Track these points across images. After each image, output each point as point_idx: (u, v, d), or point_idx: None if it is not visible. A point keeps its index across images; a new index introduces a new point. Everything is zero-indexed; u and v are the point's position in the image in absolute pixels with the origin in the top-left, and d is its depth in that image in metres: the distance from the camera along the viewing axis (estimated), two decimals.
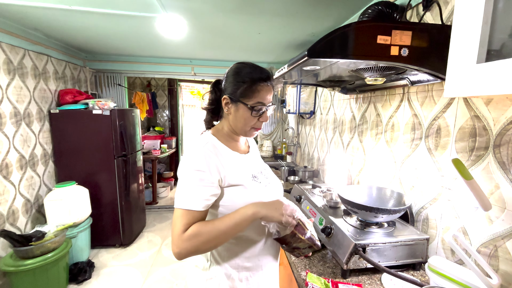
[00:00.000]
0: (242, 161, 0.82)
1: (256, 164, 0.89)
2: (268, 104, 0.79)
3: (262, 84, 0.76)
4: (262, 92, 0.76)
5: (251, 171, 0.83)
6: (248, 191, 0.77)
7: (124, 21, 1.82)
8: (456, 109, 0.90)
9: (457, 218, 0.90)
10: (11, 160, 1.93)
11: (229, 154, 0.80)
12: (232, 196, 0.75)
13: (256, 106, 0.76)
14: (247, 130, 0.81)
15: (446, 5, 0.94)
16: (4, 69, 1.86)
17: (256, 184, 0.81)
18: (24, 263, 1.69)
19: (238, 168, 0.79)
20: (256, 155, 0.94)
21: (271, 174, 0.93)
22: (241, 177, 0.78)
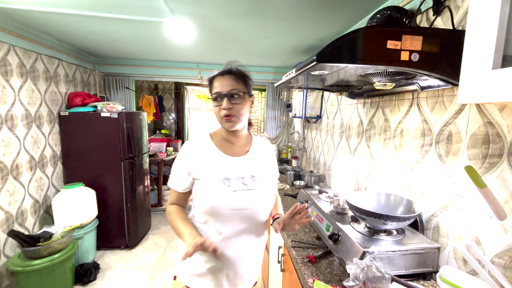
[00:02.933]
0: (222, 162, 0.87)
1: (243, 168, 0.89)
2: (226, 92, 0.83)
3: (217, 77, 0.86)
4: (217, 84, 0.85)
5: (227, 173, 0.86)
6: (206, 189, 0.84)
7: (134, 26, 1.85)
8: (468, 115, 0.89)
9: (469, 227, 0.88)
10: (22, 161, 1.97)
11: (211, 153, 0.88)
12: (195, 189, 0.87)
13: (213, 96, 0.85)
14: (219, 121, 0.86)
15: (457, 9, 0.93)
16: (17, 72, 1.91)
17: (220, 185, 0.84)
18: (31, 263, 1.71)
19: (211, 167, 0.86)
20: (253, 160, 0.92)
21: (261, 183, 0.89)
22: (208, 175, 0.85)
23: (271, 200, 0.93)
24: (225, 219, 0.85)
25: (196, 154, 0.88)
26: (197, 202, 0.86)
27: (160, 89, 4.63)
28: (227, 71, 0.87)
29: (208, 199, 0.84)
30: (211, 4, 1.46)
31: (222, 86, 0.84)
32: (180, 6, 1.49)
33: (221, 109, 0.83)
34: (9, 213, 1.86)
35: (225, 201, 0.83)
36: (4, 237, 1.82)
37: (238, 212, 0.85)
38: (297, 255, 1.07)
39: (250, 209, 0.86)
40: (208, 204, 0.84)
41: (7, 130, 1.83)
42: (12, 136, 1.88)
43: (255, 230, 0.90)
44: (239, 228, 0.86)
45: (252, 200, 0.86)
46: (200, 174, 0.86)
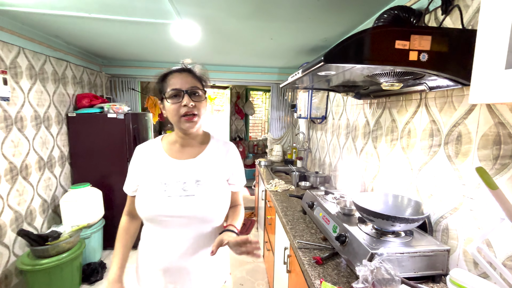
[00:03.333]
0: (163, 166, 0.83)
1: (186, 173, 0.82)
2: (187, 88, 0.79)
3: (172, 74, 0.81)
4: (173, 80, 0.80)
5: (166, 178, 0.81)
6: (143, 194, 0.81)
7: (140, 28, 1.87)
8: (479, 115, 0.87)
9: (480, 229, 0.86)
10: (31, 162, 2.00)
11: (156, 156, 0.85)
12: (137, 194, 0.85)
13: (170, 92, 0.79)
14: (177, 121, 0.80)
15: (466, 9, 0.92)
16: (26, 74, 1.95)
17: (156, 190, 0.79)
18: (40, 262, 1.74)
19: (151, 171, 0.83)
20: (203, 164, 0.85)
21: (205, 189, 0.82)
22: (147, 180, 0.82)
23: (218, 208, 0.84)
24: (162, 227, 0.80)
25: (142, 157, 0.86)
26: (136, 207, 0.82)
27: None
28: (186, 69, 0.84)
29: (143, 204, 0.80)
30: (217, 5, 1.47)
31: (181, 83, 0.79)
32: (186, 8, 1.50)
33: (182, 107, 0.78)
34: (19, 212, 1.90)
35: (159, 208, 0.78)
36: (14, 236, 1.85)
37: (175, 220, 0.79)
38: (304, 257, 1.06)
39: (188, 217, 0.79)
40: (142, 210, 0.80)
41: (17, 131, 1.87)
42: (22, 137, 1.91)
43: (200, 240, 0.82)
44: (179, 237, 0.80)
45: (190, 207, 0.79)
46: (141, 178, 0.84)
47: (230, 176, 0.91)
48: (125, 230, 0.93)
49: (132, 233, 0.94)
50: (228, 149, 0.92)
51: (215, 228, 0.87)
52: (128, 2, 1.45)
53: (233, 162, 0.92)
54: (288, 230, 1.31)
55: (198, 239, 0.83)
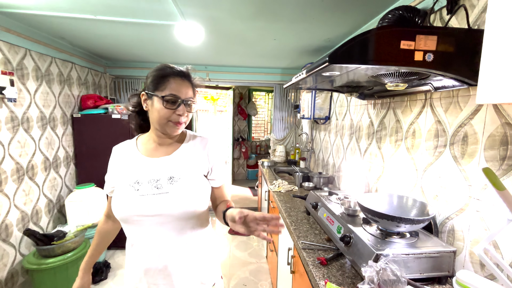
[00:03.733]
0: (136, 164, 0.81)
1: (159, 170, 0.80)
2: (185, 98, 0.78)
3: (174, 77, 0.78)
4: (174, 85, 0.77)
5: (138, 176, 0.79)
6: (116, 195, 0.80)
7: (144, 29, 1.89)
8: (485, 115, 0.87)
9: (487, 230, 0.85)
10: (37, 162, 2.02)
11: (129, 155, 0.84)
12: (113, 194, 0.83)
13: (167, 97, 0.75)
14: (164, 124, 0.78)
15: (472, 8, 0.91)
16: (32, 75, 1.97)
17: (128, 190, 0.78)
18: (45, 261, 1.75)
19: (124, 171, 0.82)
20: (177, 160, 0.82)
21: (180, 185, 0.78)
22: (120, 180, 0.81)
23: (195, 204, 0.79)
24: (137, 227, 0.78)
25: (117, 157, 0.86)
26: (112, 209, 0.80)
27: None
28: (187, 76, 0.81)
29: (116, 205, 0.78)
30: (221, 6, 1.48)
31: (180, 91, 0.77)
32: (190, 9, 1.51)
33: (175, 114, 0.77)
34: (25, 212, 1.92)
35: (132, 207, 0.76)
36: (20, 235, 1.87)
37: (149, 219, 0.76)
38: (308, 257, 1.06)
39: (162, 215, 0.76)
40: (116, 211, 0.78)
41: (24, 132, 1.89)
42: (28, 137, 1.94)
43: (178, 239, 0.79)
44: (156, 237, 0.77)
45: (164, 205, 0.76)
46: (115, 179, 0.83)
47: (209, 171, 0.87)
48: (98, 231, 0.96)
49: (105, 234, 0.95)
50: (206, 144, 0.88)
51: (196, 226, 0.83)
52: (133, 4, 1.46)
53: (210, 157, 0.87)
54: (292, 231, 1.31)
55: (177, 238, 0.79)
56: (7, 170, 1.75)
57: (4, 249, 1.75)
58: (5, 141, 1.74)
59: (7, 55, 1.75)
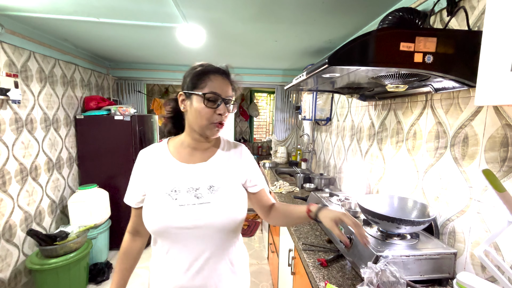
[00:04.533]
0: (172, 171, 0.75)
1: (198, 178, 0.75)
2: (225, 97, 0.73)
3: (215, 74, 0.74)
4: (215, 82, 0.72)
5: (176, 184, 0.73)
6: (150, 204, 0.72)
7: (147, 31, 1.90)
8: (485, 117, 0.87)
9: (487, 232, 0.85)
10: (40, 163, 2.04)
11: (163, 161, 0.76)
12: (143, 204, 0.76)
13: (208, 94, 0.71)
14: (205, 125, 0.72)
15: (472, 10, 0.92)
16: (36, 77, 2.00)
17: (165, 199, 0.71)
18: (48, 261, 1.77)
19: (159, 177, 0.74)
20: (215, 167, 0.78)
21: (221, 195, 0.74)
22: (154, 188, 0.73)
23: (237, 215, 0.75)
24: (173, 241, 0.71)
25: (147, 163, 0.77)
26: (144, 220, 0.74)
27: (170, 93, 4.71)
28: (227, 73, 0.78)
29: (151, 216, 0.71)
30: (223, 9, 1.49)
31: (222, 89, 0.73)
32: (192, 11, 1.53)
33: (217, 114, 0.72)
34: (28, 212, 1.94)
35: (170, 218, 0.69)
36: (23, 236, 1.89)
37: (188, 232, 0.70)
38: (308, 259, 1.06)
39: (203, 227, 0.70)
40: (151, 223, 0.71)
41: (27, 133, 1.91)
42: (32, 138, 1.96)
43: (218, 254, 0.74)
44: (194, 252, 0.71)
45: (206, 216, 0.70)
46: (147, 186, 0.75)
47: (247, 179, 0.83)
48: (125, 252, 0.84)
49: (134, 255, 0.86)
50: (241, 151, 0.85)
51: (233, 239, 0.79)
52: (136, 6, 1.48)
53: (248, 164, 0.84)
54: (293, 232, 1.31)
55: (216, 253, 0.74)
56: (11, 171, 1.77)
57: (7, 249, 1.77)
58: (9, 142, 1.76)
59: (11, 57, 1.77)
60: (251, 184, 0.84)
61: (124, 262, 0.84)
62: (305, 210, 0.80)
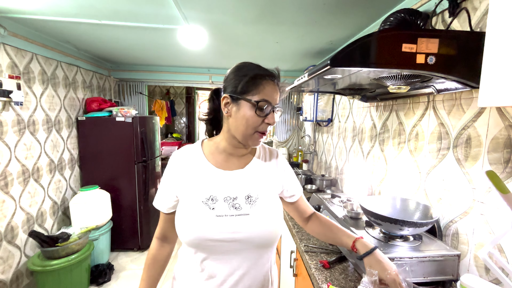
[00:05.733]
0: (208, 177, 0.70)
1: (235, 186, 0.70)
2: (275, 105, 0.68)
3: (268, 80, 0.67)
4: (268, 89, 0.66)
5: (213, 192, 0.68)
6: (185, 212, 0.68)
7: (148, 33, 1.91)
8: (488, 118, 0.86)
9: (491, 233, 0.85)
10: (42, 164, 2.05)
11: (198, 165, 0.71)
12: (176, 211, 0.72)
13: (261, 102, 0.65)
14: (249, 134, 0.67)
15: (474, 11, 0.91)
16: (39, 79, 2.01)
17: (201, 208, 0.66)
18: (50, 263, 1.77)
19: (194, 183, 0.69)
20: (252, 175, 0.73)
21: (260, 206, 0.69)
22: (189, 194, 0.69)
23: (276, 228, 0.70)
24: (209, 252, 0.67)
25: (181, 166, 0.72)
26: (177, 229, 0.70)
27: (171, 94, 4.73)
28: (278, 78, 0.71)
29: (186, 226, 0.66)
30: (224, 10, 1.49)
31: (273, 96, 0.67)
32: (193, 13, 1.53)
33: (265, 123, 0.67)
34: (30, 214, 1.94)
35: (206, 230, 0.65)
36: (25, 237, 1.89)
37: (224, 245, 0.66)
38: (310, 260, 1.06)
39: (241, 241, 0.66)
40: (185, 233, 0.66)
41: (29, 135, 1.92)
42: (34, 140, 1.96)
43: (252, 270, 0.69)
44: (230, 266, 0.67)
45: (245, 229, 0.66)
46: (182, 192, 0.70)
47: (284, 189, 0.79)
48: (153, 259, 0.79)
49: (162, 262, 0.81)
50: (277, 158, 0.80)
51: (270, 255, 0.74)
52: (137, 8, 1.49)
53: (284, 172, 0.79)
54: (295, 234, 1.31)
55: (251, 269, 0.69)
56: (13, 172, 1.78)
57: (9, 251, 1.77)
58: (11, 143, 1.77)
59: (14, 59, 1.78)
60: (288, 194, 0.80)
61: (152, 269, 0.79)
62: (350, 243, 0.73)
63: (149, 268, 0.79)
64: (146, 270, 0.79)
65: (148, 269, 0.79)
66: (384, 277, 0.63)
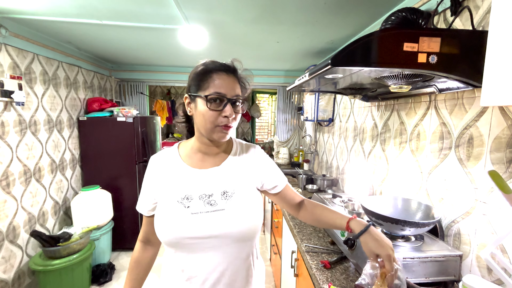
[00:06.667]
0: (183, 177, 0.71)
1: (210, 184, 0.70)
2: (232, 97, 0.66)
3: (218, 73, 0.67)
4: (219, 81, 0.66)
5: (188, 191, 0.69)
6: (161, 212, 0.68)
7: (149, 33, 1.91)
8: (491, 117, 0.86)
9: (494, 234, 0.84)
10: (43, 164, 2.05)
11: (173, 167, 0.72)
12: (155, 213, 0.72)
13: (211, 95, 0.65)
14: (211, 129, 0.67)
15: (477, 9, 0.91)
16: (40, 79, 2.01)
17: (176, 207, 0.67)
18: (51, 262, 1.77)
19: (169, 184, 0.70)
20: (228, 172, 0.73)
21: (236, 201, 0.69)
22: (165, 195, 0.69)
23: (254, 222, 0.70)
24: (189, 251, 0.67)
25: (158, 169, 0.73)
26: (155, 230, 0.70)
27: (172, 94, 4.73)
28: (233, 70, 0.70)
29: (162, 226, 0.67)
30: (225, 10, 1.49)
31: (227, 88, 0.66)
32: (194, 13, 1.53)
33: (222, 116, 0.66)
34: (32, 214, 1.95)
35: (183, 228, 0.65)
36: (27, 237, 1.90)
37: (203, 242, 0.66)
38: (311, 260, 1.05)
39: (218, 237, 0.66)
40: (163, 233, 0.67)
41: (31, 135, 1.93)
42: (35, 140, 1.97)
43: (235, 265, 0.69)
44: (210, 263, 0.67)
45: (221, 224, 0.66)
46: (159, 194, 0.71)
47: (264, 182, 0.78)
48: (136, 262, 0.81)
49: (145, 264, 0.82)
50: (255, 153, 0.80)
51: (250, 249, 0.74)
52: (138, 9, 1.49)
53: (262, 166, 0.79)
54: (296, 234, 1.30)
55: (233, 264, 0.69)
56: (14, 172, 1.78)
57: (11, 250, 1.78)
58: (13, 144, 1.77)
59: (15, 60, 1.79)
60: (270, 186, 0.80)
61: (135, 272, 0.80)
62: (344, 224, 0.72)
63: (132, 270, 0.81)
64: (129, 272, 0.81)
65: (132, 272, 0.80)
66: (380, 252, 0.63)
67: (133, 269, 0.81)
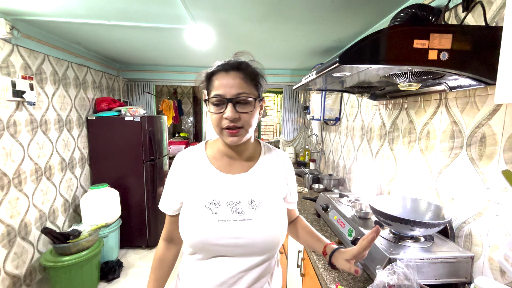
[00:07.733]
0: (211, 181, 0.69)
1: (239, 191, 0.69)
2: (231, 96, 0.62)
3: (217, 74, 0.65)
4: (219, 82, 0.64)
5: (216, 196, 0.67)
6: (188, 216, 0.67)
7: (156, 33, 1.93)
8: (504, 115, 0.83)
9: (507, 235, 0.82)
10: (54, 163, 2.10)
11: (201, 168, 0.71)
12: (180, 214, 0.71)
13: (211, 98, 0.64)
14: (218, 132, 0.67)
15: (490, 5, 0.88)
16: (50, 80, 2.05)
17: (203, 212, 0.66)
18: (61, 259, 1.81)
19: (197, 187, 0.69)
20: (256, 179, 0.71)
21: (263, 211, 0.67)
22: (192, 198, 0.68)
23: (280, 234, 0.69)
24: (211, 255, 0.67)
25: (185, 169, 0.71)
26: (180, 231, 0.69)
27: (179, 94, 4.77)
28: (234, 66, 0.66)
29: (188, 229, 0.66)
30: (231, 9, 1.49)
31: (226, 88, 0.63)
32: (201, 12, 1.54)
33: (223, 119, 0.63)
34: (42, 211, 1.99)
35: (208, 234, 0.64)
36: (38, 234, 1.95)
37: (228, 250, 0.65)
38: (318, 260, 1.05)
39: (243, 246, 0.65)
40: (188, 236, 0.66)
41: (42, 134, 1.97)
42: (46, 139, 2.01)
43: (255, 272, 0.67)
44: (231, 268, 0.66)
45: (247, 235, 0.65)
46: (185, 195, 0.70)
47: (287, 194, 0.77)
48: (160, 260, 0.79)
49: (169, 263, 0.80)
50: (284, 161, 0.77)
51: (272, 259, 0.72)
52: (145, 9, 1.50)
53: (290, 178, 0.78)
54: None
55: (254, 272, 0.67)
56: (26, 170, 1.83)
57: (23, 246, 1.82)
58: (25, 142, 1.82)
59: (27, 60, 1.83)
60: (290, 201, 0.80)
61: (159, 271, 0.79)
62: (322, 248, 0.76)
63: (156, 270, 0.79)
64: (153, 272, 0.79)
65: (155, 271, 0.79)
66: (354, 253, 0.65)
67: (156, 269, 0.79)
